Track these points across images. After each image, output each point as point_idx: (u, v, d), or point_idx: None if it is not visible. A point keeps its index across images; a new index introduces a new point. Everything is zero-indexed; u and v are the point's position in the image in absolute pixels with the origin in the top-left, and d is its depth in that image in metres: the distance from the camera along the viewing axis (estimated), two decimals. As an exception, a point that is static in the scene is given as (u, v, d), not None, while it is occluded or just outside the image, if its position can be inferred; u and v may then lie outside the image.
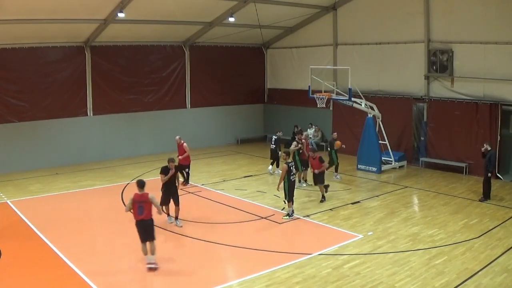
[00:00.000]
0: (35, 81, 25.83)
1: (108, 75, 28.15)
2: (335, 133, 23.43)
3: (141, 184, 13.01)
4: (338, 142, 22.61)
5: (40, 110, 26.02)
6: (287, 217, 16.70)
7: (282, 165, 17.16)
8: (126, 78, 28.83)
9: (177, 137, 21.46)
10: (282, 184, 16.66)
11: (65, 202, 19.46)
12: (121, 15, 23.07)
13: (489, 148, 18.71)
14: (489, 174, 18.68)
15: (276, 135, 23.97)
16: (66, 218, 17.32)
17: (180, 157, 20.97)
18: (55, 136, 26.44)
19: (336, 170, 22.92)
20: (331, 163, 22.50)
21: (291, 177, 16.68)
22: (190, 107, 31.79)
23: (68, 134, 26.76)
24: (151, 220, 12.90)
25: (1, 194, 20.58)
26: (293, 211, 16.89)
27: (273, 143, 23.73)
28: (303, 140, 21.32)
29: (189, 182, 21.89)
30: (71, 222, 16.85)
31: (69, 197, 20.20)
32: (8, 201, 19.44)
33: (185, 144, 21.14)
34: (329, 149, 23.18)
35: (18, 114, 25.51)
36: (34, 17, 22.48)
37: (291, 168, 16.69)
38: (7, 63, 25.08)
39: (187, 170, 21.50)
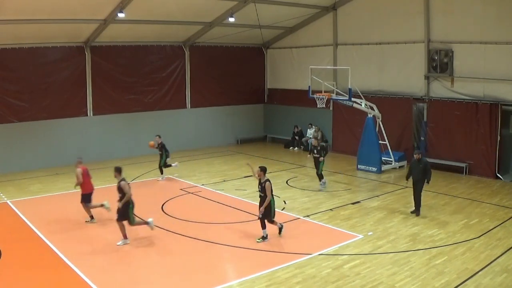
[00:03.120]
0: (35, 81, 25.88)
1: (108, 75, 28.22)
2: (314, 139, 22.76)
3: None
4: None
5: (40, 110, 26.07)
6: (261, 239, 14.80)
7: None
8: (126, 78, 28.90)
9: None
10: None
11: (66, 202, 19.45)
12: (121, 15, 23.11)
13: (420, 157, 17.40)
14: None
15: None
16: (66, 219, 17.31)
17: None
18: (55, 136, 26.51)
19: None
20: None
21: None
22: (190, 107, 31.85)
23: (68, 134, 26.81)
24: None
25: (1, 194, 20.60)
26: (267, 235, 14.94)
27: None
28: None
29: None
30: (71, 222, 16.86)
31: (69, 197, 20.17)
32: (8, 201, 19.48)
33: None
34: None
35: (18, 114, 25.55)
36: (34, 17, 22.53)
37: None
38: (8, 63, 25.13)
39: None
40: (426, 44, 24.62)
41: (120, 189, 14.44)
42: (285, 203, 17.31)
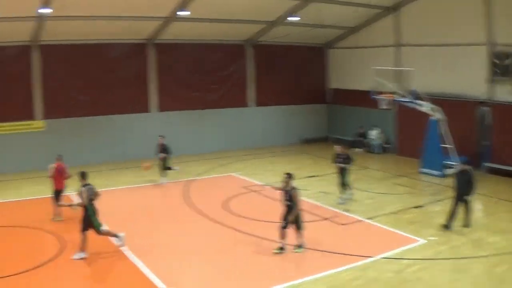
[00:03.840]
0: (99, 77, 26.95)
1: (171, 72, 29.18)
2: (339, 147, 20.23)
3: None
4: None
5: (104, 106, 27.23)
6: (300, 249, 14.33)
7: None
8: (189, 75, 29.73)
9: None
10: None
11: (129, 197, 20.31)
12: (183, 13, 23.67)
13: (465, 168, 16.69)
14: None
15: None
16: (129, 213, 18.16)
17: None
18: (119, 131, 27.67)
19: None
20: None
21: None
22: (254, 106, 32.36)
23: (131, 130, 27.84)
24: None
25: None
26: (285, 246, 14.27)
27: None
28: None
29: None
30: (134, 217, 17.68)
31: (132, 192, 20.88)
32: (72, 195, 20.19)
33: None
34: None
35: (82, 109, 26.72)
36: (99, 14, 23.53)
37: None
38: (73, 59, 26.30)
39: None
40: (489, 47, 24.13)
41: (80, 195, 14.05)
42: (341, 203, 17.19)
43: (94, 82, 26.97)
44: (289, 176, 14.09)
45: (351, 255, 13.97)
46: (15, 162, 25.21)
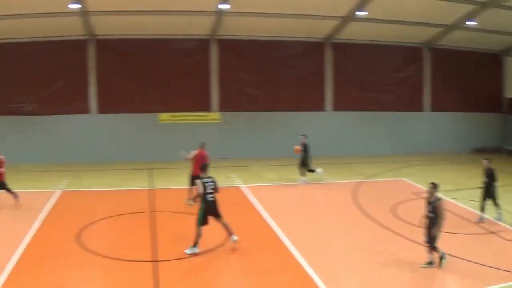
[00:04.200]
0: (273, 73, 27.24)
1: (345, 72, 28.73)
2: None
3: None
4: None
5: (277, 102, 27.39)
6: (428, 265, 12.46)
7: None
8: (363, 76, 29.08)
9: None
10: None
11: (295, 193, 20.04)
12: (361, 13, 23.25)
13: None
14: None
15: None
16: (294, 208, 17.81)
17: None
18: (293, 128, 27.36)
19: None
20: None
21: None
22: (428, 111, 31.07)
23: (306, 127, 27.42)
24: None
25: (236, 178, 21.99)
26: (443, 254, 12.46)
27: None
28: None
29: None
30: (299, 213, 17.28)
31: (300, 188, 20.74)
32: (241, 186, 20.63)
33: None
34: None
35: (255, 104, 27.18)
36: (275, 11, 23.79)
37: None
38: (245, 53, 26.95)
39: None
40: None
41: None
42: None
43: (269, 78, 27.38)
44: (434, 186, 12.73)
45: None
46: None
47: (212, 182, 13.33)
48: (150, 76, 26.90)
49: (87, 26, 24.81)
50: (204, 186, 13.18)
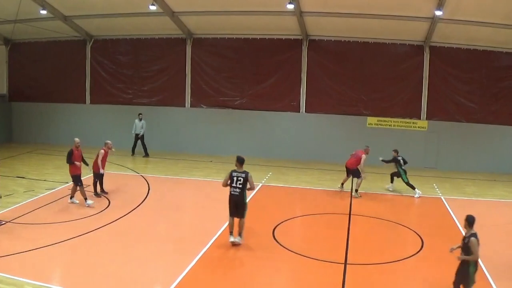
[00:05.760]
0: (487, 84, 25.84)
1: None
2: None
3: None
4: None
5: (489, 114, 25.93)
6: None
7: None
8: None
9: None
10: None
11: (498, 211, 18.74)
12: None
13: None
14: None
15: None
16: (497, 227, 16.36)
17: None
18: (498, 142, 26.19)
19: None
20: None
21: None
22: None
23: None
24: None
25: (438, 189, 21.42)
26: None
27: None
28: None
29: None
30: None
31: (502, 207, 19.47)
32: (442, 197, 20.08)
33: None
34: None
35: (466, 115, 26.05)
36: (488, 20, 22.61)
37: None
38: (461, 63, 25.82)
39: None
40: None
41: None
42: None
43: (481, 89, 26.06)
44: (469, 221, 10.46)
45: None
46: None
47: (242, 177, 13.40)
48: (360, 79, 27.15)
49: (301, 26, 25.74)
50: (231, 179, 13.41)
